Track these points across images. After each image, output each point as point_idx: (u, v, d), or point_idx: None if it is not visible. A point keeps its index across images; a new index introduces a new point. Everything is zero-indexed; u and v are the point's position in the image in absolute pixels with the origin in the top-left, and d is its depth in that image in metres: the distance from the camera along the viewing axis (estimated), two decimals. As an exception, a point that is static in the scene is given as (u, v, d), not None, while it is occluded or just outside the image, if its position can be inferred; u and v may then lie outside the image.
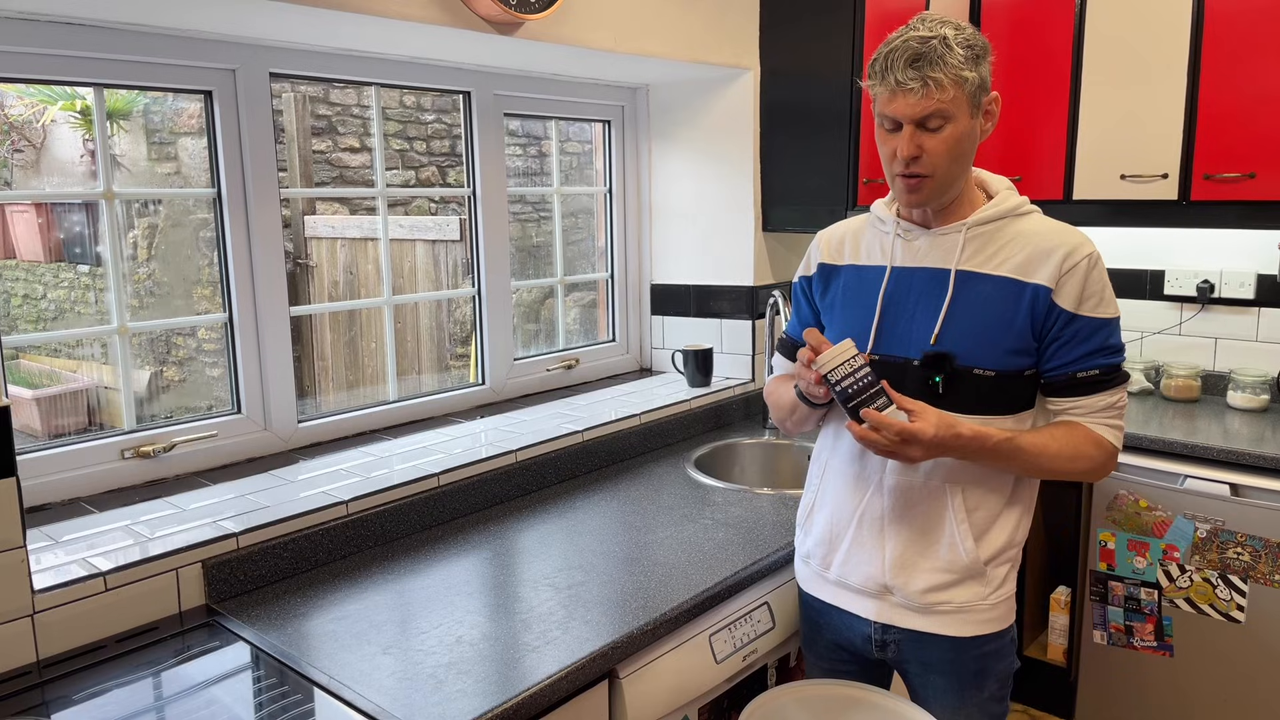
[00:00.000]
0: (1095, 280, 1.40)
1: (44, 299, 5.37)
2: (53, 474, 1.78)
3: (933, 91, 1.33)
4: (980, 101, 1.39)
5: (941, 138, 1.37)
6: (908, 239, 1.51)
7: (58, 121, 4.88)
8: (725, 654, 1.66)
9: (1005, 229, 1.46)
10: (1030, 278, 1.41)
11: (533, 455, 2.19)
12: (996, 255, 1.44)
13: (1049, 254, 1.41)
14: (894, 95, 1.36)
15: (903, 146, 1.37)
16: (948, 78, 1.33)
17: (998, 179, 1.53)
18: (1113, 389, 1.43)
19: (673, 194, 2.97)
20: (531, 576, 1.71)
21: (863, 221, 1.62)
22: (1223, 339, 2.91)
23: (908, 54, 1.34)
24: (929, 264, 1.48)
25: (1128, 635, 2.57)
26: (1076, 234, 1.44)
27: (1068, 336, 1.41)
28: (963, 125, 1.37)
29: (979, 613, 1.50)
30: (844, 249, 1.60)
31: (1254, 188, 2.47)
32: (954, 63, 1.33)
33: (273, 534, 1.70)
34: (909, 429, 1.34)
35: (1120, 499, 2.53)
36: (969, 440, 1.37)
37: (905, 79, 1.33)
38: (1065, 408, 1.45)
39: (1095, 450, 1.44)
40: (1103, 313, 1.41)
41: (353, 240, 4.96)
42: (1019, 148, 2.84)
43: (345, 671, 1.37)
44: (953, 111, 1.35)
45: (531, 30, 2.06)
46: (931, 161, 1.38)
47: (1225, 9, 2.46)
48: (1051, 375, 1.44)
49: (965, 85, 1.35)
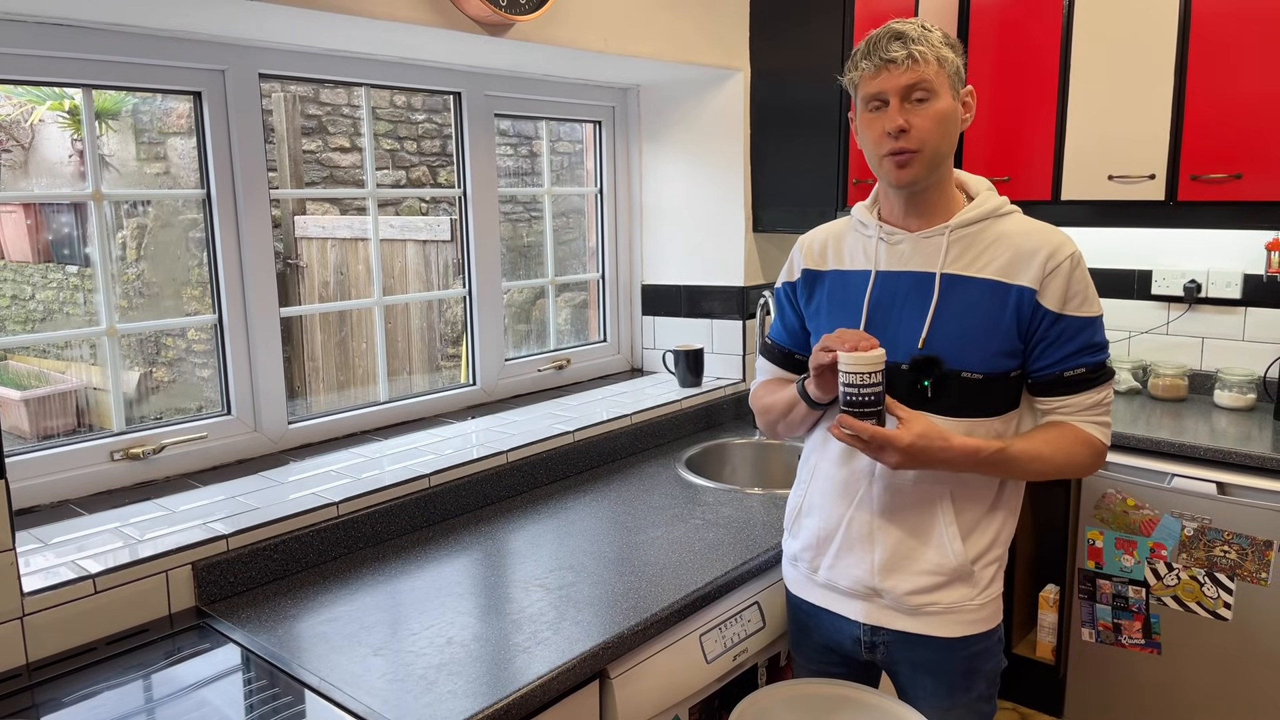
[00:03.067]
0: (1078, 280, 1.42)
1: (32, 299, 5.34)
2: (42, 476, 1.78)
3: (918, 64, 1.39)
4: (959, 89, 1.44)
5: (928, 112, 1.40)
6: (891, 242, 1.52)
7: (46, 121, 4.85)
8: (716, 654, 1.67)
9: (987, 230, 1.47)
10: (1014, 279, 1.42)
11: (524, 456, 2.19)
12: (980, 258, 1.45)
13: (1032, 255, 1.42)
14: (879, 71, 1.41)
15: (890, 119, 1.41)
16: (931, 53, 1.39)
17: (977, 180, 1.54)
18: (1099, 386, 1.45)
19: (664, 194, 2.97)
20: (522, 577, 1.72)
21: (844, 225, 1.63)
22: (1210, 338, 2.93)
23: (891, 33, 1.41)
24: (913, 267, 1.49)
25: (1116, 633, 2.59)
26: (1058, 234, 1.45)
27: (1054, 336, 1.42)
28: (946, 103, 1.41)
29: (967, 613, 1.51)
30: (827, 254, 1.61)
31: (1240, 188, 2.49)
32: (935, 41, 1.41)
33: (263, 535, 1.69)
34: (882, 433, 1.36)
35: (1108, 498, 2.55)
36: (959, 452, 1.38)
37: (890, 52, 1.39)
38: (1054, 406, 1.47)
39: (1085, 449, 1.45)
40: (1087, 311, 1.43)
41: (343, 240, 4.95)
42: (1007, 148, 2.86)
43: (336, 673, 1.37)
44: (936, 86, 1.40)
45: (522, 31, 2.07)
46: (919, 136, 1.40)
47: (1212, 11, 2.48)
48: (1039, 375, 1.45)
49: (946, 65, 1.41)
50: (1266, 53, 2.41)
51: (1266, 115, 2.43)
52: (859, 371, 1.36)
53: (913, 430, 1.36)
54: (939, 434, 1.37)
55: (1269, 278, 2.77)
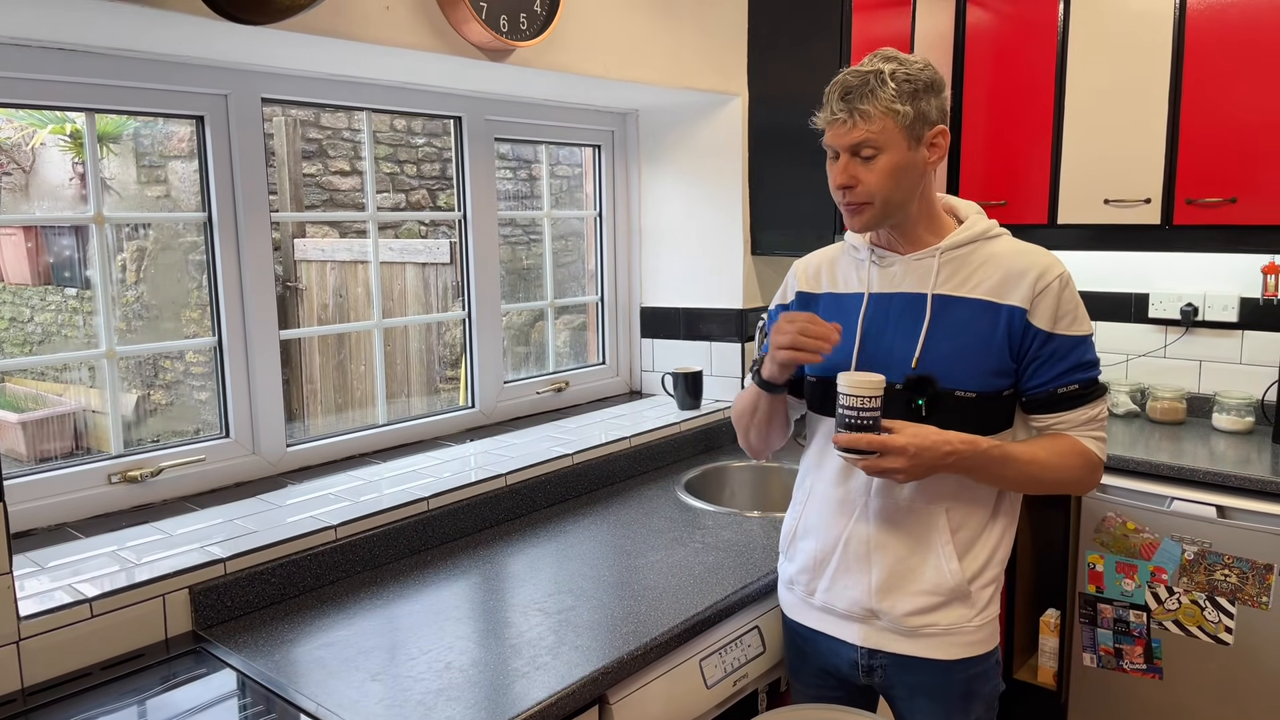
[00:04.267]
0: (1068, 299, 1.45)
1: (31, 322, 5.34)
2: (39, 499, 1.77)
3: (859, 123, 1.41)
4: (921, 134, 1.44)
5: (875, 167, 1.43)
6: (883, 265, 1.54)
7: (47, 145, 4.88)
8: (716, 679, 1.66)
9: (977, 252, 1.49)
10: (1005, 299, 1.45)
11: (523, 479, 2.18)
12: (971, 278, 1.47)
13: (1022, 275, 1.45)
14: (829, 126, 1.46)
15: (837, 174, 1.46)
16: (876, 110, 1.40)
17: (966, 204, 1.57)
18: (1093, 402, 1.47)
19: (662, 218, 2.99)
20: (521, 601, 1.71)
21: (838, 250, 1.66)
22: (1207, 361, 2.93)
23: (841, 88, 1.44)
24: (905, 289, 1.51)
25: (1117, 658, 2.57)
26: (1046, 255, 1.48)
27: (1046, 355, 1.44)
28: (898, 156, 1.43)
29: (965, 634, 1.50)
30: (821, 277, 1.63)
31: (1235, 212, 2.51)
32: (885, 97, 1.40)
33: (261, 559, 1.69)
34: (881, 440, 1.37)
35: (1108, 521, 2.54)
36: (960, 447, 1.39)
37: (836, 110, 1.43)
38: (1050, 423, 1.48)
39: (1081, 460, 1.47)
40: (1077, 330, 1.45)
41: (342, 263, 4.96)
42: (1004, 173, 2.88)
43: (333, 699, 1.36)
44: (882, 142, 1.42)
45: (523, 57, 2.08)
46: (867, 190, 1.44)
47: (1205, 36, 2.51)
48: (1033, 393, 1.47)
49: (897, 118, 1.41)
50: (1260, 77, 2.44)
51: (1261, 139, 2.45)
52: (859, 395, 1.37)
53: (905, 432, 1.38)
54: (932, 430, 1.39)
55: (1266, 301, 2.78)
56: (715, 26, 2.64)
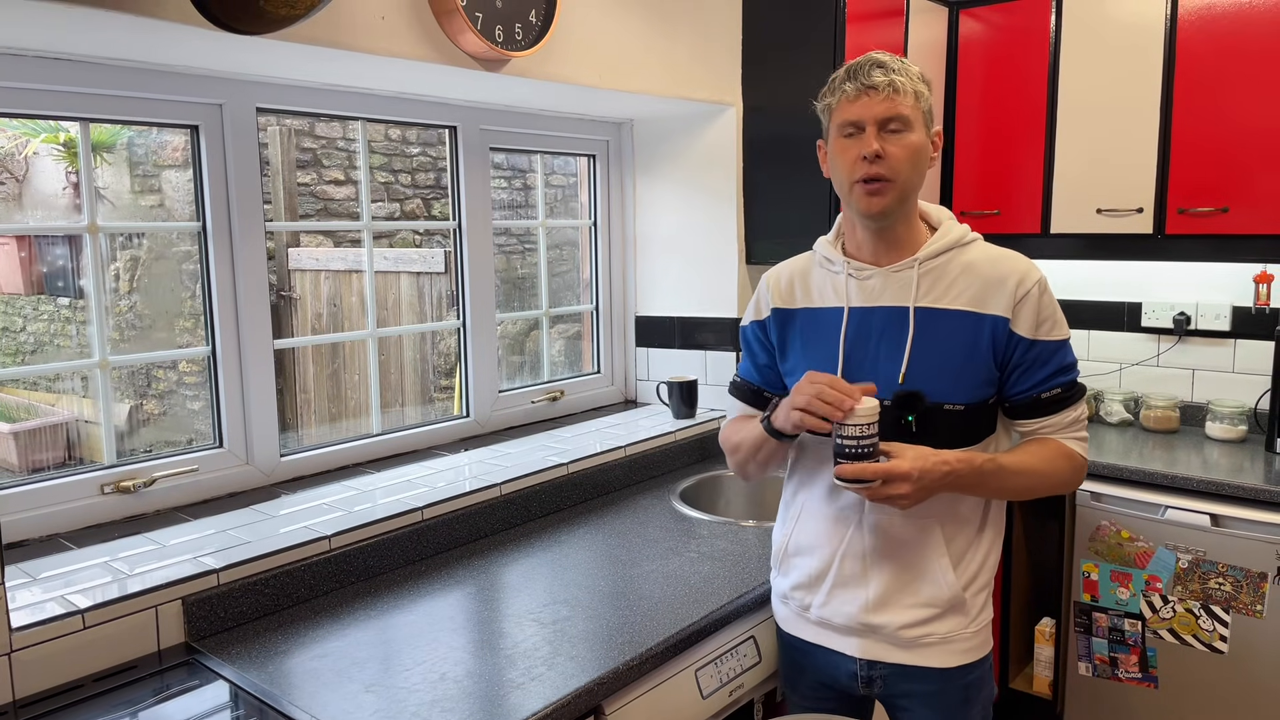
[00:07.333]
0: (1047, 305, 1.46)
1: (23, 331, 5.32)
2: (31, 510, 1.76)
3: (897, 94, 1.41)
4: (930, 126, 1.47)
5: (903, 143, 1.42)
6: (860, 278, 1.52)
7: (40, 154, 4.87)
8: (711, 689, 1.65)
9: (954, 261, 1.49)
10: (986, 309, 1.45)
11: (517, 488, 2.18)
12: (951, 289, 1.47)
13: (1001, 284, 1.45)
14: (859, 96, 1.42)
15: (866, 143, 1.42)
16: (909, 85, 1.42)
17: (939, 209, 1.57)
18: (1075, 404, 1.49)
19: (657, 227, 2.99)
20: (516, 611, 1.70)
21: (807, 261, 1.62)
22: (1200, 370, 2.94)
23: (873, 61, 1.43)
24: (885, 302, 1.49)
25: (1112, 667, 2.57)
26: (1022, 261, 1.49)
27: (1029, 361, 1.45)
28: (919, 137, 1.44)
29: (961, 642, 1.50)
30: (795, 291, 1.59)
31: (1227, 221, 2.52)
32: (913, 74, 1.44)
33: (254, 570, 1.68)
34: (885, 467, 1.35)
35: (1102, 530, 2.54)
36: (957, 465, 1.39)
37: (872, 78, 1.41)
38: (1035, 428, 1.50)
39: (1067, 463, 1.49)
40: (1057, 335, 1.47)
41: (337, 273, 4.95)
42: (997, 183, 2.89)
43: (327, 710, 1.36)
44: (912, 120, 1.43)
45: (518, 67, 2.09)
46: (893, 165, 1.42)
47: (1196, 46, 2.53)
48: (1016, 399, 1.48)
49: (922, 100, 1.44)
50: (1251, 86, 2.45)
51: (1252, 148, 2.46)
52: (858, 423, 1.35)
53: (906, 456, 1.36)
54: (930, 452, 1.38)
55: (1258, 310, 2.80)
56: (710, 37, 2.65)
